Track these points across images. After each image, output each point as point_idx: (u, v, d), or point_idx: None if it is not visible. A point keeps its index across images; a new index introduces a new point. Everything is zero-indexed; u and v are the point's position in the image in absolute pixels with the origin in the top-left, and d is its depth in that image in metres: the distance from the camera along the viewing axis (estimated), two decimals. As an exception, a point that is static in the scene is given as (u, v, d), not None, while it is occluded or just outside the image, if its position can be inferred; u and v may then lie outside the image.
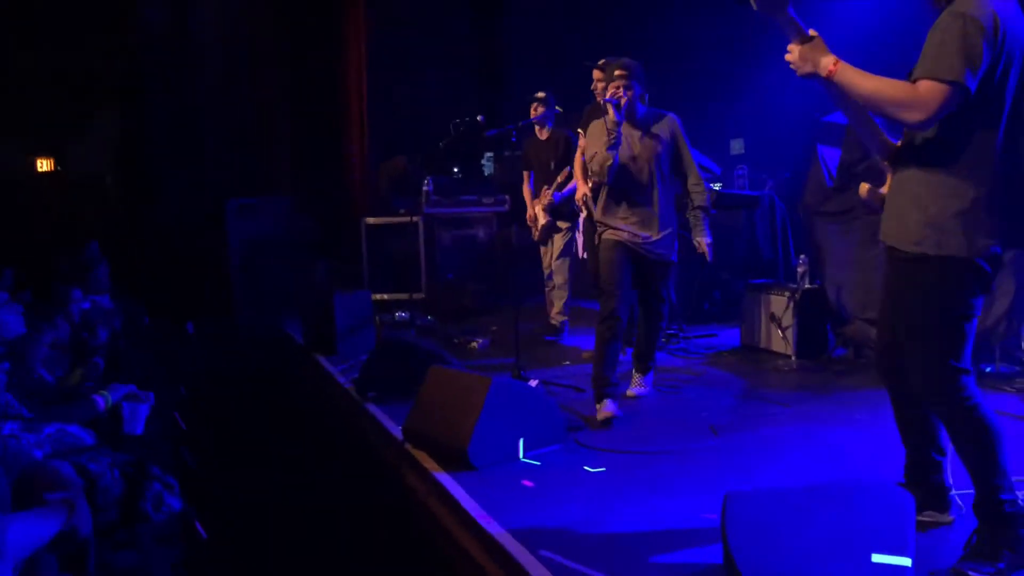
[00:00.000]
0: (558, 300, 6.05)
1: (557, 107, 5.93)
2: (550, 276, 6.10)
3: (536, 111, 5.86)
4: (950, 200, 2.28)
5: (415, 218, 7.22)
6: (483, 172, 8.48)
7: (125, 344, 4.82)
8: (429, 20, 9.17)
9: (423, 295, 7.22)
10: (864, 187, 2.62)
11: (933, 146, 2.31)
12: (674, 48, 8.24)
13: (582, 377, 4.94)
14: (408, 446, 3.73)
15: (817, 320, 5.31)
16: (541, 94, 5.88)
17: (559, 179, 5.85)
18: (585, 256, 5.93)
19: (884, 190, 2.53)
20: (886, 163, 2.48)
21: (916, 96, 2.18)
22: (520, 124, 5.03)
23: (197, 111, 9.51)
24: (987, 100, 2.22)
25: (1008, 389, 4.27)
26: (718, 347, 5.79)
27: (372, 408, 4.39)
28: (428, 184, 7.22)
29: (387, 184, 7.91)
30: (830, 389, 4.61)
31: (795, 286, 5.36)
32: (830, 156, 5.86)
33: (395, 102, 8.69)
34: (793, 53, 2.30)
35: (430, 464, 3.51)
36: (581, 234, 7.05)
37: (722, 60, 7.90)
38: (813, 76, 2.29)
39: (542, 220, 5.93)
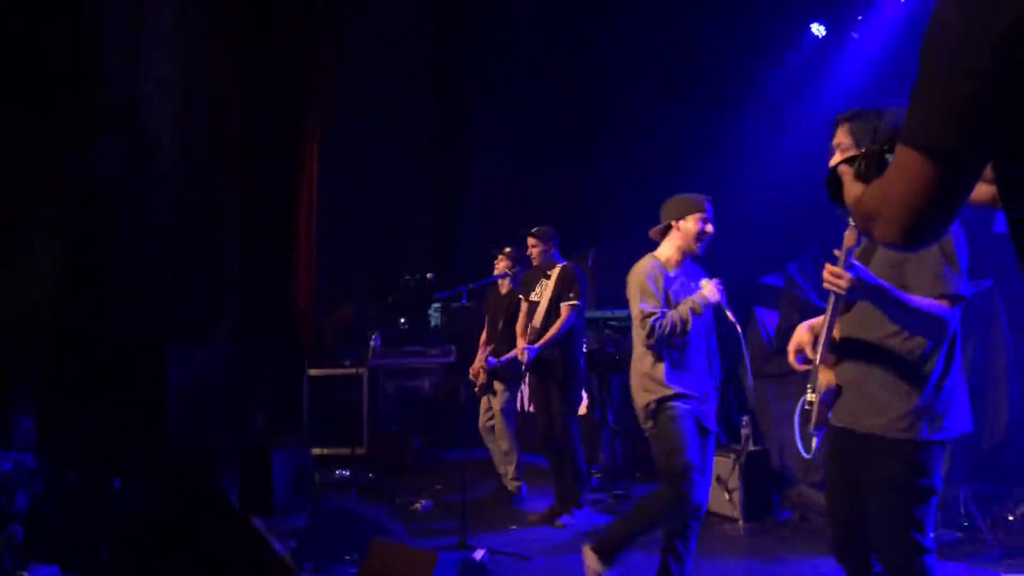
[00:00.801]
0: (508, 465, 5.93)
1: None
2: (490, 429, 5.99)
3: (498, 266, 5.94)
4: (929, 385, 2.44)
5: (360, 370, 7.14)
6: (430, 322, 8.53)
7: (47, 508, 4.55)
8: (384, 166, 9.38)
9: (364, 450, 7.04)
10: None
11: (897, 333, 2.46)
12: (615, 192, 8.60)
13: (529, 543, 4.83)
14: (348, 627, 3.53)
15: (762, 483, 5.33)
16: (508, 249, 5.92)
17: (482, 342, 5.86)
18: (531, 410, 5.89)
19: (824, 383, 2.59)
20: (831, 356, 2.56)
21: (943, 318, 2.39)
22: (471, 286, 5.09)
23: (140, 252, 9.39)
24: None
25: (952, 557, 4.29)
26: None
27: (309, 582, 4.18)
28: (376, 339, 7.20)
29: (333, 334, 7.87)
30: (778, 556, 4.57)
31: (739, 447, 5.40)
32: (768, 318, 6.07)
33: (345, 249, 8.76)
34: (842, 280, 2.33)
35: (371, 649, 3.32)
36: (527, 386, 7.04)
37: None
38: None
39: (481, 379, 5.91)
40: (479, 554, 4.22)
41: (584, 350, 5.73)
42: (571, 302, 5.36)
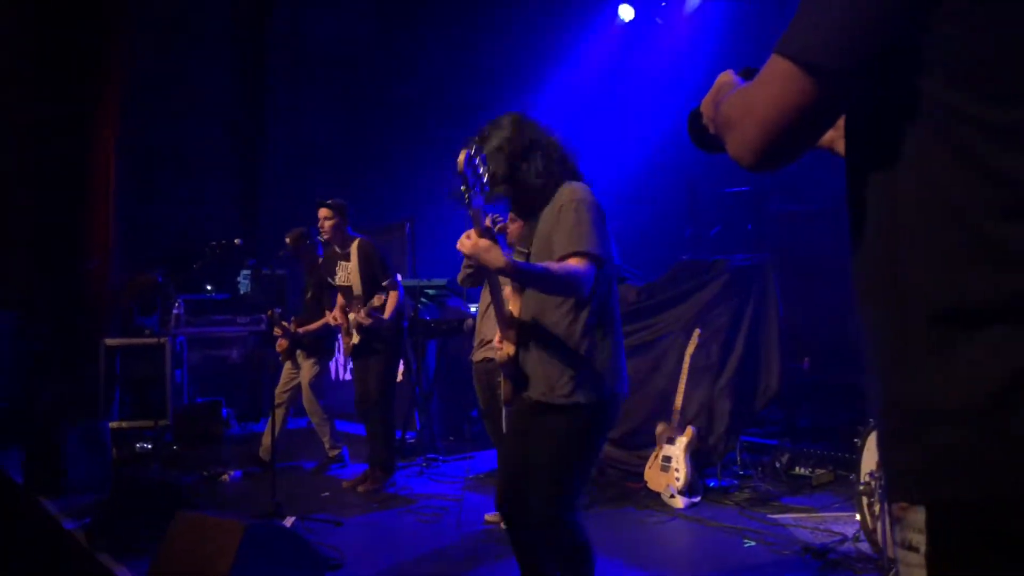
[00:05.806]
0: (324, 435, 5.90)
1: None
2: (284, 399, 5.88)
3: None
4: (585, 357, 2.61)
5: (161, 340, 6.80)
6: (239, 289, 8.22)
7: None
8: (187, 127, 8.96)
9: (168, 422, 6.74)
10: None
11: (560, 306, 2.61)
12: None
13: (341, 508, 4.86)
14: (148, 603, 3.42)
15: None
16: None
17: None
18: (347, 377, 5.86)
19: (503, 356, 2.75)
20: None
21: (578, 275, 2.45)
22: (281, 254, 4.95)
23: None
24: None
25: (728, 502, 4.76)
26: (475, 470, 5.93)
27: (106, 561, 3.99)
28: (179, 307, 6.87)
29: (133, 301, 7.42)
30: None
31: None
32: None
33: (147, 212, 8.30)
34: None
35: (174, 623, 3.25)
36: (341, 354, 6.96)
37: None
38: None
39: (281, 345, 5.81)
40: (289, 521, 4.21)
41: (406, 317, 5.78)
42: (389, 280, 5.34)
